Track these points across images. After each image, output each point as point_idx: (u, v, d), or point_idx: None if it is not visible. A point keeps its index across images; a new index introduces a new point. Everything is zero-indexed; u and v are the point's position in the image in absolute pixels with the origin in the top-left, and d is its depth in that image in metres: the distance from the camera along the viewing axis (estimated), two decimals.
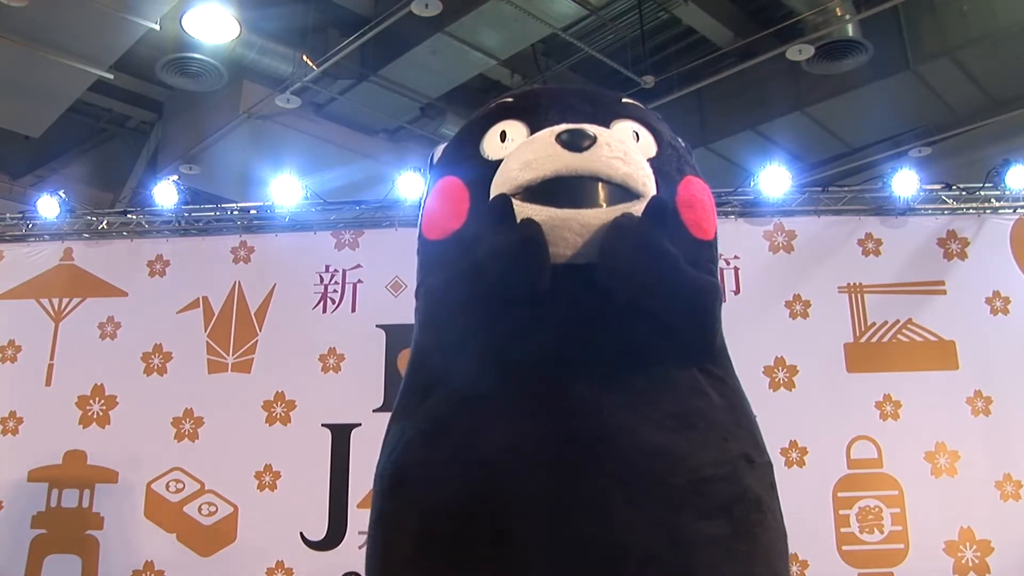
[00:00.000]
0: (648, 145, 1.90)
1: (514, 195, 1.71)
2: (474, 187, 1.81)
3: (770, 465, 1.90)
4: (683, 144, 2.08)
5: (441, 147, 2.07)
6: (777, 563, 1.75)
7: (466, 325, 1.80)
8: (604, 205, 1.70)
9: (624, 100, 2.02)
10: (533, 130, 1.82)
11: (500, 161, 1.80)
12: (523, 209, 1.69)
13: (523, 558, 1.60)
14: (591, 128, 1.74)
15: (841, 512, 4.23)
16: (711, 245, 1.96)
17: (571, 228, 1.68)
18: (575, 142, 1.69)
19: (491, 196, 1.75)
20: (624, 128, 1.88)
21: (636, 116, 1.95)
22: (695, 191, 1.87)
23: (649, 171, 1.78)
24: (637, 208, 1.71)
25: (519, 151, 1.77)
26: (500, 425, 1.69)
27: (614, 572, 1.59)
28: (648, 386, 1.74)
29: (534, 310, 1.73)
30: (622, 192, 1.71)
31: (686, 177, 1.89)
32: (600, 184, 1.70)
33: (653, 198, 1.74)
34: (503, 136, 1.86)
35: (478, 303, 1.77)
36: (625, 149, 1.75)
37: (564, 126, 1.74)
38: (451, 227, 1.83)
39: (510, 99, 2.01)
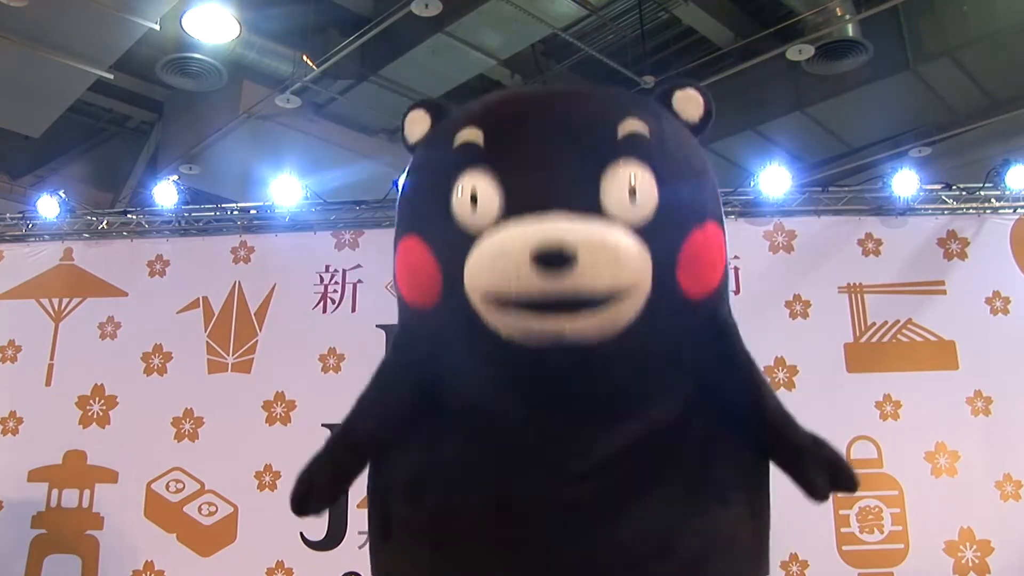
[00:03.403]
0: (648, 195, 1.56)
1: (487, 301, 1.53)
2: (447, 265, 1.59)
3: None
4: (699, 165, 1.73)
5: (415, 133, 1.82)
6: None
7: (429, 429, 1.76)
8: (589, 312, 1.50)
9: (626, 132, 1.60)
10: (506, 189, 1.54)
11: (473, 234, 1.54)
12: (497, 319, 1.51)
13: None
14: (572, 237, 1.44)
15: (841, 512, 4.23)
16: (720, 287, 1.74)
17: (550, 336, 1.51)
18: (554, 262, 1.43)
19: (464, 284, 1.55)
20: (619, 179, 1.54)
21: (639, 154, 1.58)
22: (698, 251, 1.62)
23: (641, 261, 1.51)
24: (629, 304, 1.52)
25: (491, 254, 1.49)
26: (478, 555, 1.68)
27: None
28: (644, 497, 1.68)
29: (504, 415, 1.66)
30: (610, 297, 1.51)
31: (691, 235, 1.61)
32: (584, 296, 1.50)
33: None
34: (474, 199, 1.56)
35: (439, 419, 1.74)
36: (615, 254, 1.47)
37: (539, 237, 1.43)
38: (422, 304, 1.68)
39: (479, 137, 1.63)
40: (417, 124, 1.81)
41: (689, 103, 1.76)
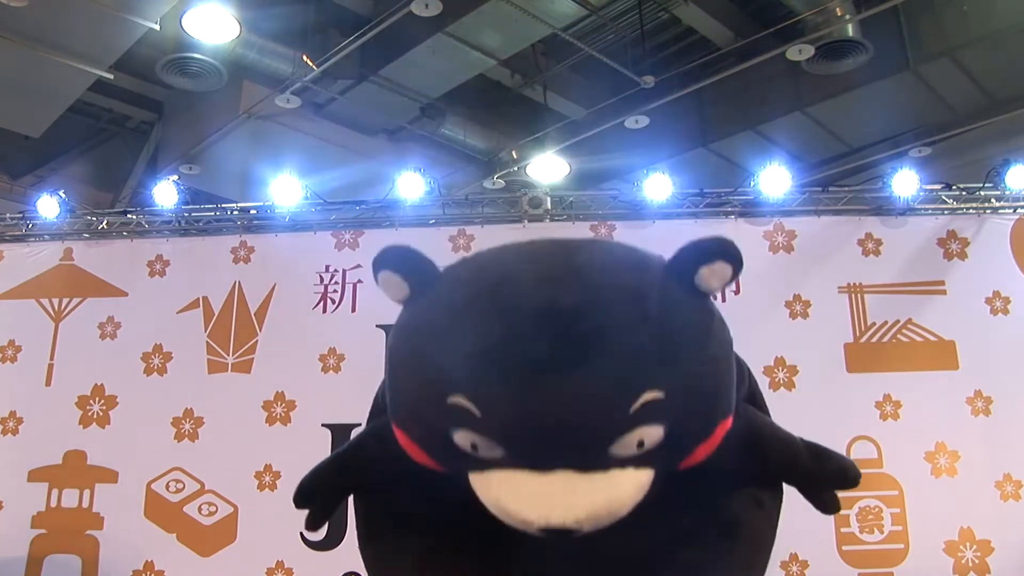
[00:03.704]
0: (655, 439, 1.53)
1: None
2: (451, 470, 1.66)
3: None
4: (712, 386, 1.65)
5: (394, 294, 1.70)
6: None
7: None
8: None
9: (641, 403, 1.49)
10: (509, 449, 1.52)
11: (475, 460, 1.56)
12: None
13: None
14: (574, 517, 1.48)
15: (841, 512, 4.22)
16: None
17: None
18: (558, 534, 1.49)
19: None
20: (629, 440, 1.50)
21: (653, 418, 1.51)
22: (700, 453, 1.67)
23: (642, 491, 1.57)
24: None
25: (496, 510, 1.55)
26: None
27: None
28: None
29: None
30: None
31: (696, 449, 1.65)
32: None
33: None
34: (474, 446, 1.54)
35: None
36: (618, 510, 1.53)
37: (545, 522, 1.47)
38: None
39: (474, 408, 1.50)
40: (394, 289, 1.69)
41: (714, 278, 1.61)
